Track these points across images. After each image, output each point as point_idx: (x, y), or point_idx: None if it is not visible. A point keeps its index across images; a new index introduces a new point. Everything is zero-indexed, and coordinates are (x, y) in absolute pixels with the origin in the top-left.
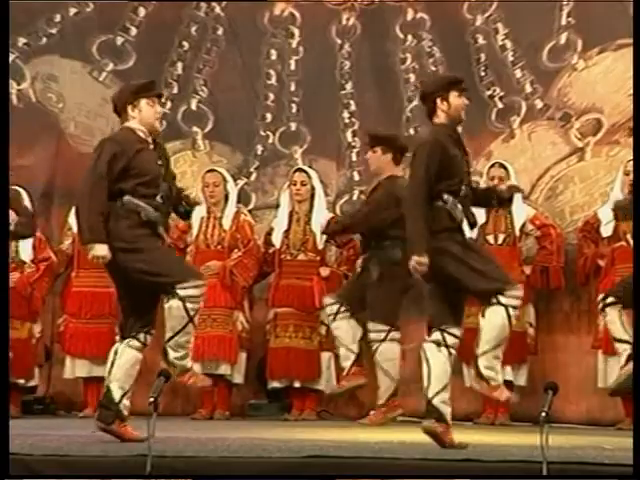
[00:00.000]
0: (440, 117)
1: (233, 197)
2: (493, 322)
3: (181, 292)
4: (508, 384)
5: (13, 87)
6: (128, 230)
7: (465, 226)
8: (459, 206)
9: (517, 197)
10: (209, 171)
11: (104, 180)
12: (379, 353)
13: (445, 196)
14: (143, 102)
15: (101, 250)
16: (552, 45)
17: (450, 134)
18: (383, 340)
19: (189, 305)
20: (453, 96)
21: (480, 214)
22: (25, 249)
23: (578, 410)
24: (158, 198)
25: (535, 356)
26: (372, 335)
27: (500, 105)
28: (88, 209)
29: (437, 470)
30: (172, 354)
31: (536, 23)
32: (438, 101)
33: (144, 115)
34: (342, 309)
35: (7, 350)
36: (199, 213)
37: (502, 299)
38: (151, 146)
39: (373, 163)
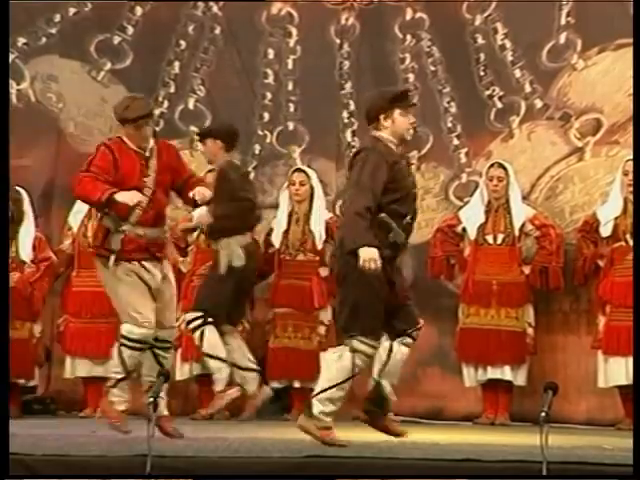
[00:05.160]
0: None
1: None
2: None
3: (355, 343)
4: (507, 384)
5: (13, 87)
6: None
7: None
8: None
9: (516, 197)
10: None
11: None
12: None
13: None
14: (397, 112)
15: (371, 253)
16: (551, 45)
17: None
18: None
19: (357, 361)
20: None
21: (479, 214)
22: (25, 249)
23: (578, 410)
24: (408, 219)
25: (535, 356)
26: None
27: (499, 105)
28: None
29: (437, 470)
30: (319, 407)
31: (535, 23)
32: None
33: (397, 126)
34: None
35: (7, 350)
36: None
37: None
38: (404, 160)
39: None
